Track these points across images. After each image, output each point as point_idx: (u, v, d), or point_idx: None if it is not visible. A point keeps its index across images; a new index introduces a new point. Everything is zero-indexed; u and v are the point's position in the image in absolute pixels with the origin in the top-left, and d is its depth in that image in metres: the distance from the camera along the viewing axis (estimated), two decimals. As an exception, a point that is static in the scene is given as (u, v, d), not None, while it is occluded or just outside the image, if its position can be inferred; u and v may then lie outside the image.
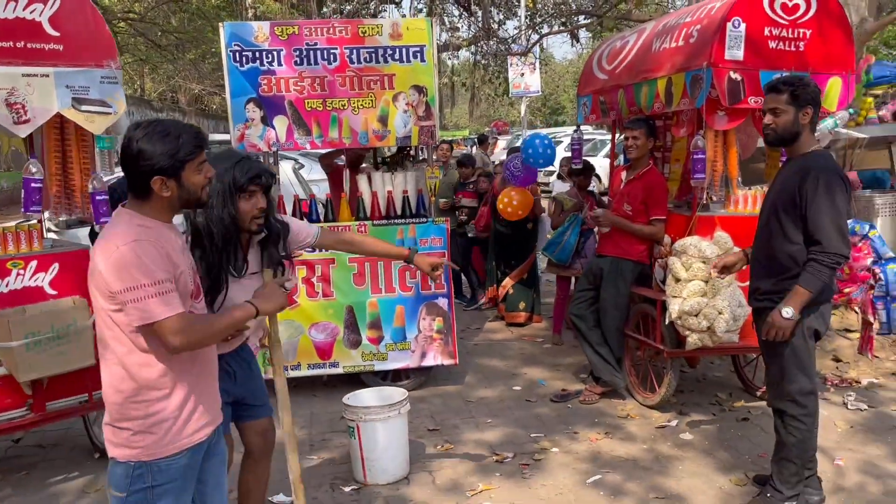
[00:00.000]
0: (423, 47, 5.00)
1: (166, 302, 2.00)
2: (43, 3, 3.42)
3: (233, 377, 2.83)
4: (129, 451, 2.11)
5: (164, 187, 2.09)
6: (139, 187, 2.10)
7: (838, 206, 3.08)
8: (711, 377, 5.45)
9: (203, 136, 2.19)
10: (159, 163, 2.06)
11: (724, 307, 4.07)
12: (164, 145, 2.06)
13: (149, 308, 1.98)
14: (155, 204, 2.12)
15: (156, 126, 2.10)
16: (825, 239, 3.06)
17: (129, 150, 2.08)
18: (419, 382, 5.30)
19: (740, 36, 4.12)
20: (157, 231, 2.09)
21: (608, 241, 4.92)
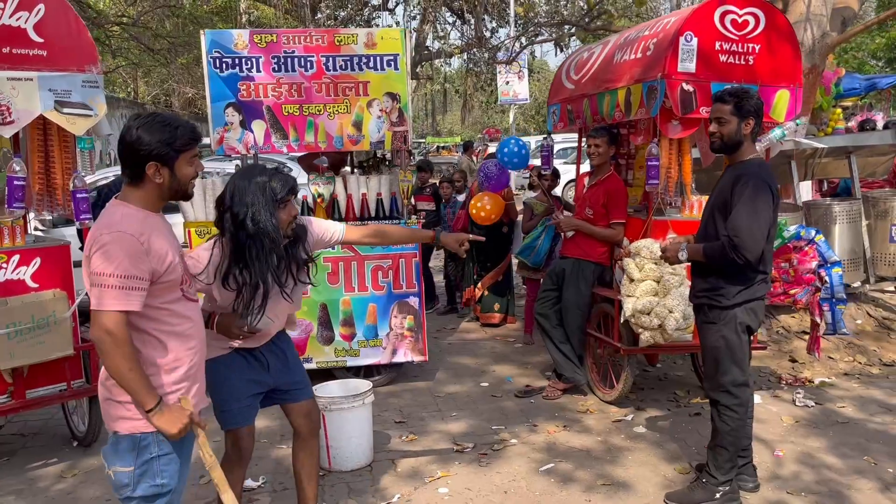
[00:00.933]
0: (397, 56, 5.22)
1: (122, 297, 2.13)
2: (28, 11, 3.62)
3: (266, 367, 3.02)
4: (131, 423, 2.25)
5: (158, 174, 2.25)
6: (134, 173, 2.26)
7: (759, 211, 3.27)
8: (672, 376, 5.67)
9: (198, 132, 2.37)
10: (155, 149, 2.22)
11: (675, 306, 4.29)
12: (162, 134, 2.24)
13: (102, 295, 2.14)
14: (146, 191, 2.28)
15: (155, 117, 2.29)
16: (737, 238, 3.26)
17: (127, 137, 2.25)
18: (390, 378, 5.50)
19: (692, 49, 4.35)
20: (144, 221, 2.24)
21: (570, 243, 5.14)
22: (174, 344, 2.32)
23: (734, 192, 3.30)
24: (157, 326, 2.29)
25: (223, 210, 2.79)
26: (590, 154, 5.00)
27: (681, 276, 4.35)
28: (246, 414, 3.01)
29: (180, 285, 2.35)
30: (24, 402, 3.93)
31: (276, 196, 2.76)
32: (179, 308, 2.35)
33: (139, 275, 2.18)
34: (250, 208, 2.70)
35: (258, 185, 2.74)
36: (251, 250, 2.72)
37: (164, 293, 2.30)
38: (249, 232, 2.70)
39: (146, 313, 2.25)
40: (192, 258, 2.79)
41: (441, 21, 23.85)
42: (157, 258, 2.24)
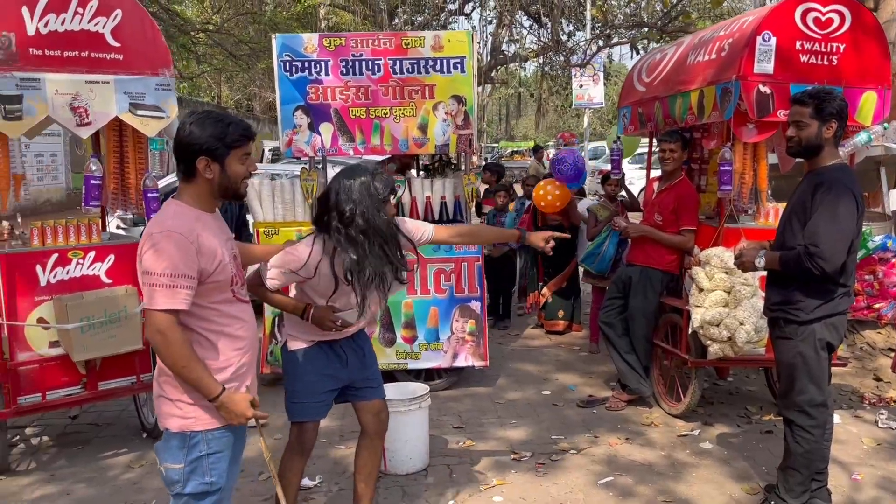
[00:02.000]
0: (464, 59, 5.20)
1: (170, 295, 2.16)
2: (106, 17, 3.77)
3: (345, 362, 3.10)
4: (183, 420, 2.29)
5: (208, 169, 2.28)
6: (186, 169, 2.31)
7: (840, 219, 3.08)
8: (744, 390, 5.43)
9: (251, 130, 2.40)
10: (207, 144, 2.26)
11: (746, 318, 4.10)
12: (213, 129, 2.27)
13: (153, 294, 2.18)
14: (198, 188, 2.31)
15: (209, 113, 2.34)
16: (814, 247, 3.07)
17: (181, 132, 2.30)
18: (451, 382, 5.47)
19: (770, 49, 4.16)
20: (195, 219, 2.27)
21: (638, 250, 4.99)
22: (223, 344, 2.34)
23: (814, 199, 3.11)
24: (207, 326, 2.32)
25: (328, 208, 2.87)
26: (662, 159, 4.84)
27: (753, 286, 4.16)
28: (317, 409, 3.09)
29: (231, 285, 2.37)
30: (97, 394, 4.08)
31: (379, 194, 2.85)
32: (229, 308, 2.37)
33: (188, 273, 2.20)
34: (358, 206, 2.80)
35: (363, 184, 2.83)
36: (364, 244, 2.81)
37: (214, 293, 2.32)
38: (360, 228, 2.80)
39: (195, 312, 2.28)
40: (290, 254, 2.88)
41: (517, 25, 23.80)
42: (207, 257, 2.26)
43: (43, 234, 3.88)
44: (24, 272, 3.83)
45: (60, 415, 4.86)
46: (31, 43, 3.56)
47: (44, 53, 3.60)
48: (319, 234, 2.90)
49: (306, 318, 2.94)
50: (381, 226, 2.82)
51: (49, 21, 3.60)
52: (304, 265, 2.86)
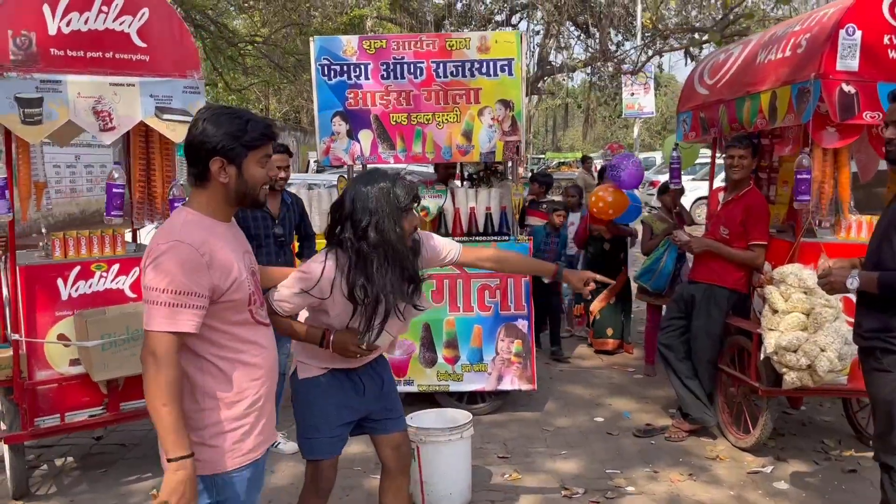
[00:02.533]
0: (512, 60, 4.88)
1: (172, 315, 1.90)
2: (132, 16, 3.56)
3: (361, 392, 2.76)
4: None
5: (223, 172, 2.01)
6: (199, 172, 2.03)
7: None
8: (819, 421, 4.94)
9: (273, 130, 2.12)
10: (222, 142, 1.98)
11: (828, 344, 3.65)
12: (230, 126, 2.00)
13: (153, 314, 1.91)
14: (211, 194, 2.04)
15: (225, 109, 2.07)
16: None
17: (193, 130, 2.03)
18: (495, 406, 5.12)
19: (855, 44, 3.73)
20: (208, 229, 2.00)
21: (702, 266, 4.57)
22: (238, 374, 2.05)
23: None
24: (219, 352, 2.03)
25: (342, 217, 2.54)
26: (730, 167, 4.42)
27: (836, 308, 3.72)
28: (333, 445, 2.74)
29: (248, 306, 2.08)
30: (119, 415, 3.85)
31: (399, 203, 2.51)
32: (246, 332, 2.08)
33: (197, 291, 1.92)
34: (374, 216, 2.47)
35: (382, 190, 2.50)
36: (374, 262, 2.48)
37: (228, 314, 2.03)
38: (372, 242, 2.47)
39: (206, 336, 1.99)
40: (302, 272, 2.55)
41: (564, 35, 23.44)
42: (221, 272, 1.98)
43: (65, 245, 3.68)
44: (45, 285, 3.63)
45: (87, 433, 4.65)
46: (52, 43, 3.36)
47: (66, 54, 3.40)
48: (333, 249, 2.57)
49: (326, 345, 2.59)
50: (395, 241, 2.49)
51: (72, 20, 3.39)
52: (317, 284, 2.51)
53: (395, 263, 2.50)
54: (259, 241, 4.11)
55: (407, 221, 2.55)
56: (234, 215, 2.08)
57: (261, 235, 4.12)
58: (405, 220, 2.54)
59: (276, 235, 4.20)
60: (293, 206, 4.38)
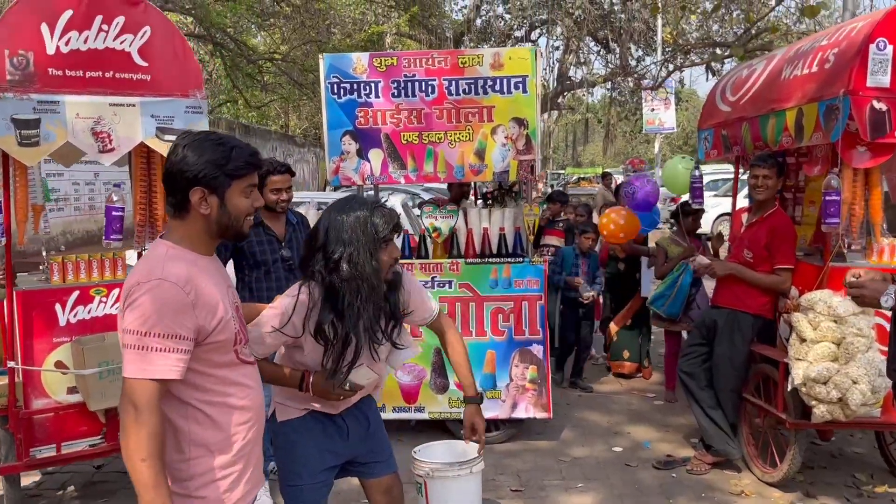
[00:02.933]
0: (526, 77, 4.73)
1: (156, 362, 1.76)
2: (133, 34, 3.47)
3: (345, 434, 2.59)
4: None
5: (204, 203, 1.88)
6: (178, 202, 1.90)
7: None
8: (850, 453, 4.70)
9: (259, 158, 1.99)
10: (203, 171, 1.85)
11: (860, 376, 3.45)
12: (212, 153, 1.87)
13: (135, 359, 1.76)
14: (192, 226, 1.91)
15: (208, 134, 1.94)
16: None
17: (172, 156, 1.90)
18: (509, 435, 4.93)
19: (886, 59, 3.54)
20: (190, 264, 1.87)
21: (725, 290, 4.38)
22: (226, 418, 1.91)
23: None
24: (204, 397, 1.89)
25: (314, 248, 2.37)
26: (754, 187, 4.23)
27: (869, 337, 3.51)
28: (317, 492, 2.55)
29: (234, 345, 1.94)
30: (117, 445, 3.69)
31: (377, 234, 2.33)
32: (232, 373, 1.94)
33: (183, 334, 1.78)
34: (347, 247, 2.30)
35: (358, 220, 2.32)
36: (345, 297, 2.30)
37: (214, 355, 1.89)
38: (344, 276, 2.29)
39: (190, 380, 1.85)
40: (274, 308, 2.38)
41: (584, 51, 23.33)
42: (206, 312, 1.84)
43: (63, 269, 3.58)
44: (43, 311, 3.52)
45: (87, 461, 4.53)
46: (50, 63, 3.26)
47: (64, 74, 3.30)
48: (307, 282, 2.39)
49: (305, 388, 2.40)
50: (370, 274, 2.30)
51: (71, 39, 3.30)
52: (290, 320, 2.33)
53: (369, 299, 2.32)
54: (267, 266, 3.98)
55: (385, 253, 2.37)
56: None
57: (268, 260, 3.98)
58: (383, 252, 2.36)
59: (285, 258, 4.06)
60: (300, 225, 4.24)
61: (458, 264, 4.77)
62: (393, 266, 2.45)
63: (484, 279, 4.76)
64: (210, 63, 23.78)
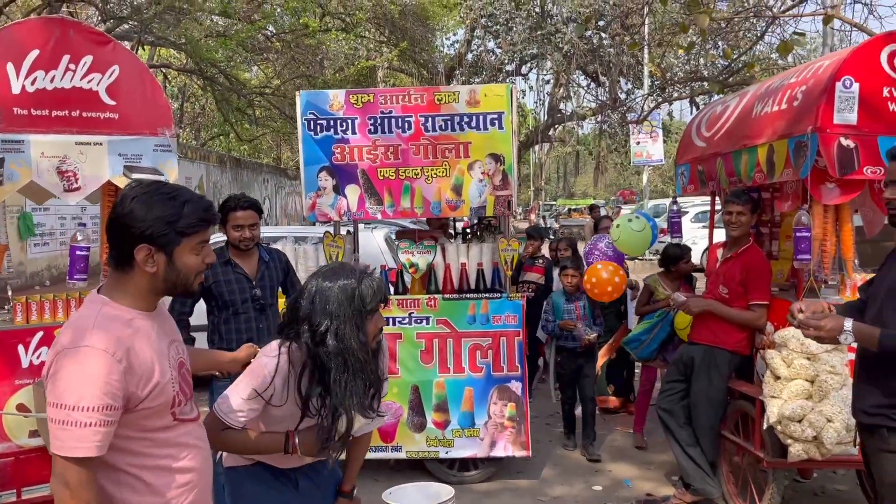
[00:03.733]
0: (502, 114, 4.75)
1: (86, 439, 1.65)
2: (101, 73, 3.46)
3: (295, 485, 2.45)
4: None
5: (150, 261, 1.77)
6: (120, 256, 1.80)
7: None
8: (832, 491, 4.64)
9: (213, 212, 1.91)
10: (151, 228, 1.75)
11: (835, 414, 3.41)
12: (163, 209, 1.77)
13: (63, 435, 1.65)
14: (135, 282, 1.80)
15: (159, 187, 1.83)
16: None
17: (118, 209, 1.78)
18: (488, 474, 4.86)
19: (853, 97, 3.57)
20: (125, 326, 1.76)
21: (702, 327, 4.35)
22: (163, 480, 1.81)
23: None
24: (136, 461, 1.78)
25: (299, 318, 2.24)
26: (728, 223, 4.22)
27: (842, 375, 3.49)
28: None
29: (171, 408, 1.83)
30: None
31: (364, 306, 2.23)
32: (168, 435, 1.84)
33: (113, 404, 1.68)
34: (334, 320, 2.19)
35: (344, 291, 2.21)
36: (332, 372, 2.19)
37: (147, 421, 1.79)
38: (331, 349, 2.18)
39: (121, 446, 1.75)
40: (253, 371, 2.26)
41: (574, 84, 23.58)
42: (138, 379, 1.73)
43: (27, 309, 3.52)
44: (5, 352, 3.45)
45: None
46: (15, 102, 3.25)
47: (30, 113, 3.29)
48: (287, 343, 2.27)
49: (292, 451, 2.27)
50: (357, 349, 2.19)
51: (37, 78, 3.29)
52: (271, 383, 2.22)
53: (357, 374, 2.22)
54: (236, 306, 3.90)
55: (372, 324, 2.27)
56: (206, 279, 1.83)
57: (237, 301, 3.90)
58: (370, 323, 2.26)
59: (255, 298, 3.99)
60: (272, 262, 4.16)
61: (436, 300, 4.74)
62: (378, 336, 2.36)
63: (462, 315, 4.72)
64: (202, 97, 23.96)
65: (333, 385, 2.19)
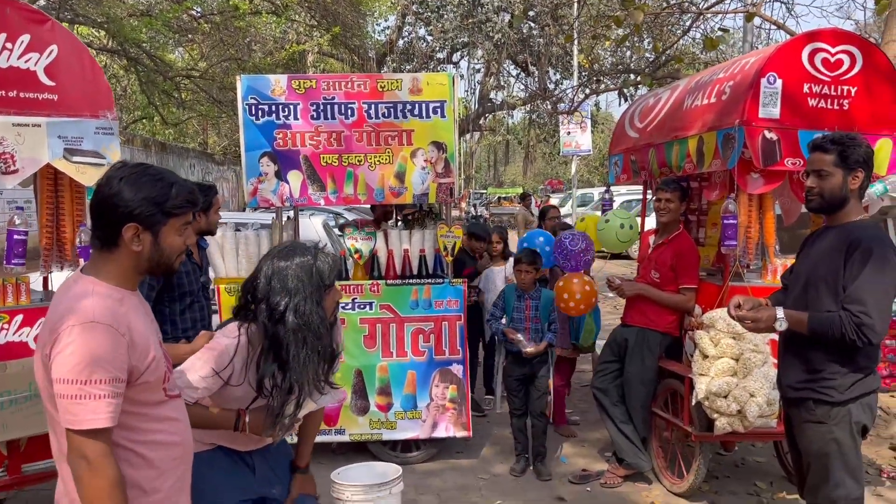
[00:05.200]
0: (444, 103, 4.83)
1: (101, 410, 1.69)
2: (39, 53, 3.37)
3: (252, 470, 2.51)
4: None
5: (137, 240, 1.81)
6: (106, 236, 1.83)
7: (888, 285, 2.70)
8: (752, 462, 4.95)
9: (198, 195, 1.96)
10: (139, 208, 1.79)
11: (757, 389, 3.66)
12: (151, 190, 1.82)
13: (78, 409, 1.68)
14: (120, 262, 1.84)
15: (146, 169, 1.87)
16: (868, 317, 2.66)
17: (105, 189, 1.81)
18: (430, 454, 4.97)
19: (776, 93, 3.81)
20: (121, 306, 1.80)
21: (634, 310, 4.57)
22: (155, 455, 1.86)
23: (850, 261, 2.70)
24: (133, 436, 1.82)
25: (256, 298, 2.29)
26: (658, 210, 4.45)
27: (764, 353, 3.74)
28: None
29: (163, 383, 1.89)
30: (21, 478, 3.56)
31: (322, 281, 2.28)
32: (160, 410, 1.89)
33: (122, 377, 1.73)
34: (293, 297, 2.23)
35: (302, 267, 2.26)
36: (290, 348, 2.23)
37: (144, 395, 1.84)
38: (291, 326, 2.22)
39: (121, 421, 1.78)
40: (212, 350, 2.29)
41: (504, 73, 23.82)
42: (140, 352, 1.79)
43: (-38, 295, 3.41)
44: (-61, 338, 3.35)
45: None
46: (-51, 82, 3.14)
47: (-36, 94, 3.18)
48: (245, 324, 2.32)
49: (242, 428, 2.32)
50: (317, 324, 2.25)
51: (-28, 57, 3.19)
52: (230, 363, 2.26)
53: (314, 349, 2.27)
54: (194, 296, 3.83)
55: (330, 298, 2.33)
56: None
57: (195, 290, 3.85)
58: (328, 298, 2.32)
59: (205, 285, 3.98)
60: (206, 248, 4.18)
61: (379, 285, 4.80)
62: (335, 310, 2.41)
63: (404, 300, 4.80)
64: (125, 78, 23.10)
65: (292, 361, 2.24)
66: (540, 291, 4.83)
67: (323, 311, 2.29)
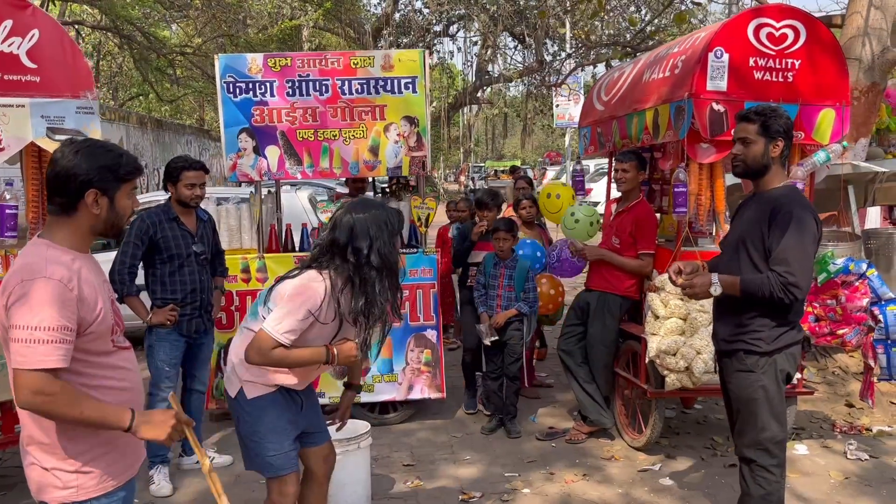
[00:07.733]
0: (416, 78, 5.01)
1: (50, 353, 1.91)
2: (21, 37, 3.57)
3: (300, 407, 2.93)
4: (63, 491, 2.03)
5: (96, 204, 2.05)
6: (66, 202, 2.05)
7: (807, 245, 2.92)
8: (713, 419, 5.21)
9: (140, 164, 2.22)
10: (98, 175, 2.03)
11: (703, 347, 3.90)
12: (105, 159, 2.06)
13: (27, 352, 1.89)
14: (78, 225, 2.07)
15: (95, 142, 2.13)
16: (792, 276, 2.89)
17: (62, 161, 2.04)
18: (407, 415, 5.24)
19: (723, 66, 4.00)
20: (73, 264, 2.02)
21: (596, 274, 4.80)
22: (107, 398, 2.09)
23: (774, 224, 2.92)
24: (84, 381, 2.05)
25: (340, 246, 2.69)
26: (617, 180, 4.67)
27: (709, 313, 3.95)
28: (294, 458, 2.90)
29: (111, 335, 2.13)
30: (13, 437, 3.82)
31: (393, 227, 2.75)
32: (109, 359, 2.13)
33: (70, 325, 1.96)
34: (375, 241, 2.67)
35: (378, 217, 2.71)
36: (375, 284, 2.67)
37: (92, 345, 2.07)
38: (375, 265, 2.66)
39: (71, 367, 2.01)
40: (302, 295, 2.66)
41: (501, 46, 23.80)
42: (88, 306, 2.02)
43: (-47, 267, 3.65)
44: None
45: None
46: (-65, 65, 3.35)
47: (-50, 76, 3.39)
48: (324, 270, 2.70)
49: (332, 360, 2.73)
50: (394, 262, 2.72)
51: (-44, 42, 3.39)
52: (321, 305, 2.66)
53: (393, 283, 2.72)
54: (181, 259, 4.11)
55: (399, 243, 2.79)
56: (154, 234, 2.05)
57: (182, 254, 4.12)
58: (398, 242, 2.77)
59: (197, 254, 4.21)
60: (209, 222, 4.42)
61: (355, 255, 5.02)
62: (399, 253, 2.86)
63: (379, 269, 5.02)
64: (119, 55, 23.16)
65: (379, 296, 2.67)
66: (516, 261, 4.99)
67: (397, 252, 2.74)
